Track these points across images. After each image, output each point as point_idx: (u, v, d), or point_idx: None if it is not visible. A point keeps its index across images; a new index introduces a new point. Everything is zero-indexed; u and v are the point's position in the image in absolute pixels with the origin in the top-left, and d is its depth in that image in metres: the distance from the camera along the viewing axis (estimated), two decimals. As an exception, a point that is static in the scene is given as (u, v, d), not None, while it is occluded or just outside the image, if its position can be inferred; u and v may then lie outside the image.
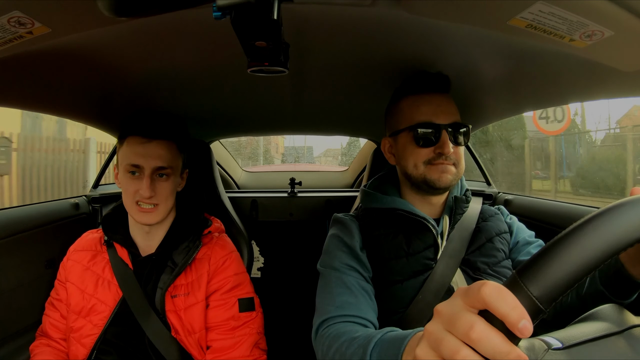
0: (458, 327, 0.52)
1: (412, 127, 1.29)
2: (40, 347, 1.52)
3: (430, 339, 0.56)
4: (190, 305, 1.47)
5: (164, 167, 1.46)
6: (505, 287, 0.52)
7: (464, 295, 0.55)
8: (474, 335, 0.50)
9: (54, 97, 1.47)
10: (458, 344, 0.52)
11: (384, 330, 0.94)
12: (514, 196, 2.20)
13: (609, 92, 1.24)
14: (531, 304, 0.50)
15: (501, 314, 0.50)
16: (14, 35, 0.86)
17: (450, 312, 0.55)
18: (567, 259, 0.52)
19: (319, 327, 1.16)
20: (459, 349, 0.51)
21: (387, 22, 1.03)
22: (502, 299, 0.50)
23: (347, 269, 1.28)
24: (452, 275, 1.27)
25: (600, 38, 0.83)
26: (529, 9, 0.77)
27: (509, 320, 0.49)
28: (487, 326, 0.51)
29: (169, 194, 1.50)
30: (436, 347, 0.55)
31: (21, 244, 1.67)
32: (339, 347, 1.02)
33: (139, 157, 1.43)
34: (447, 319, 0.55)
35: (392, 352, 0.80)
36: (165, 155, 1.46)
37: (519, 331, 0.49)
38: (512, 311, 0.49)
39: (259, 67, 0.95)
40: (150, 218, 1.46)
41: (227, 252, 1.59)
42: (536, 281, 0.51)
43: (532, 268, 0.53)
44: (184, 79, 1.47)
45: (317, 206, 2.72)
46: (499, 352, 0.49)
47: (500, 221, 1.41)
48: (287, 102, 1.85)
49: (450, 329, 0.54)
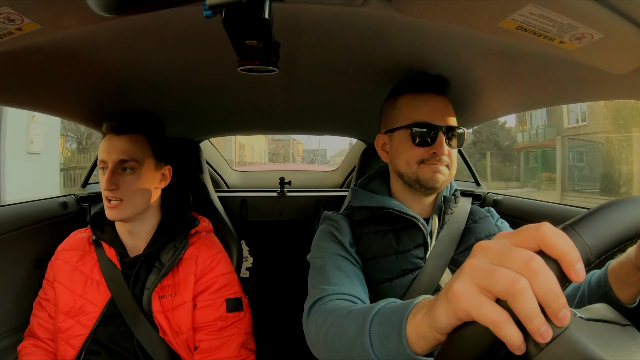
0: (514, 259, 0.50)
1: (409, 126, 1.29)
2: (28, 348, 1.50)
3: (474, 272, 0.53)
4: (177, 305, 1.46)
5: (126, 159, 1.45)
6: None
7: (512, 235, 0.54)
8: (534, 265, 0.48)
9: (42, 95, 1.46)
10: (515, 274, 0.49)
11: (386, 300, 0.89)
12: (502, 196, 2.21)
13: (599, 94, 1.25)
14: (583, 252, 0.50)
15: (559, 253, 0.49)
16: (3, 31, 0.85)
17: (500, 247, 0.53)
18: (621, 215, 0.53)
19: (312, 305, 1.12)
20: (517, 278, 0.48)
21: (379, 22, 1.03)
22: (561, 237, 0.49)
23: (339, 257, 1.27)
24: (441, 275, 1.28)
25: (589, 40, 0.84)
26: (519, 11, 0.78)
27: (567, 259, 0.48)
28: (545, 263, 0.49)
29: (136, 189, 1.48)
30: (484, 279, 0.51)
31: (9, 243, 1.65)
32: (335, 319, 0.97)
33: (104, 151, 1.45)
34: (498, 254, 0.52)
35: (397, 315, 0.76)
36: (129, 148, 1.46)
37: (574, 273, 0.48)
38: (571, 251, 0.48)
39: (250, 66, 0.95)
40: (115, 214, 1.45)
41: (214, 252, 1.59)
42: (591, 231, 0.52)
43: (587, 219, 0.53)
44: (173, 77, 1.47)
45: (307, 206, 2.72)
46: (553, 291, 0.47)
47: (490, 223, 1.41)
48: (277, 101, 1.85)
49: (503, 262, 0.51)
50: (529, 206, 1.97)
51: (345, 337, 0.90)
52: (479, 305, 0.50)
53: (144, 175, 1.49)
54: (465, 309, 0.52)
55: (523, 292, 0.47)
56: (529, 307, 0.47)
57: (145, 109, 1.58)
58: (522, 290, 0.47)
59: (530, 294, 0.47)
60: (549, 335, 0.48)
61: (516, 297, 0.48)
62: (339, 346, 0.92)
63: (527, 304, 0.47)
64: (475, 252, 0.56)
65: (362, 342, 0.83)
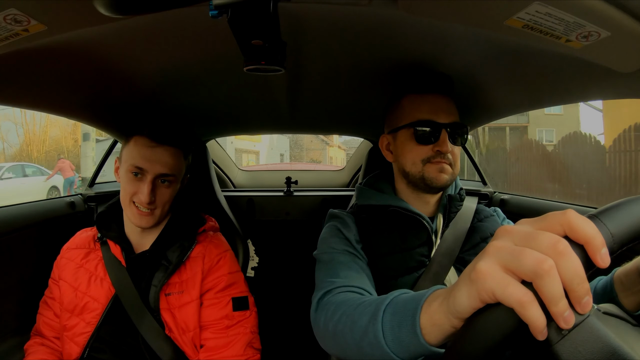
0: (541, 241, 0.50)
1: (411, 125, 1.29)
2: (34, 347, 1.51)
3: (500, 253, 0.53)
4: (184, 303, 1.47)
5: (167, 174, 1.46)
6: None
7: (537, 221, 0.54)
8: (561, 247, 0.48)
9: (49, 95, 1.46)
10: (542, 255, 0.49)
11: (399, 291, 0.89)
12: (510, 196, 2.20)
13: (606, 93, 1.24)
14: (607, 239, 0.50)
15: (585, 238, 0.49)
16: (10, 32, 0.85)
17: (525, 231, 0.53)
18: None
19: (321, 297, 1.11)
20: (544, 258, 0.48)
21: (384, 21, 1.03)
22: (587, 222, 0.49)
23: (346, 253, 1.28)
24: (446, 274, 1.28)
25: (596, 39, 0.83)
26: (525, 10, 0.77)
27: (593, 243, 0.48)
28: (570, 246, 0.49)
29: (168, 200, 1.50)
30: (511, 259, 0.51)
31: (16, 243, 1.66)
32: (346, 309, 0.97)
33: (144, 160, 1.42)
34: (524, 236, 0.53)
35: (410, 305, 0.76)
36: (170, 162, 1.46)
37: (600, 257, 0.48)
38: (597, 235, 0.48)
39: (256, 66, 0.95)
40: (145, 222, 1.46)
41: (221, 250, 1.59)
42: (615, 219, 0.52)
43: (612, 209, 0.53)
44: (179, 77, 1.47)
45: (314, 205, 2.72)
46: (578, 275, 0.47)
47: (496, 222, 1.41)
48: (283, 101, 1.85)
49: (530, 244, 0.51)
50: (536, 206, 1.96)
51: (357, 327, 0.89)
52: (505, 284, 0.50)
53: (174, 187, 1.52)
54: (490, 289, 0.52)
55: (550, 272, 0.48)
56: (555, 289, 0.47)
57: (151, 110, 1.59)
58: (549, 269, 0.48)
59: (556, 276, 0.48)
60: (572, 320, 0.48)
61: (544, 277, 0.48)
62: (350, 337, 0.91)
63: (553, 285, 0.47)
64: (499, 234, 0.56)
65: (374, 332, 0.83)
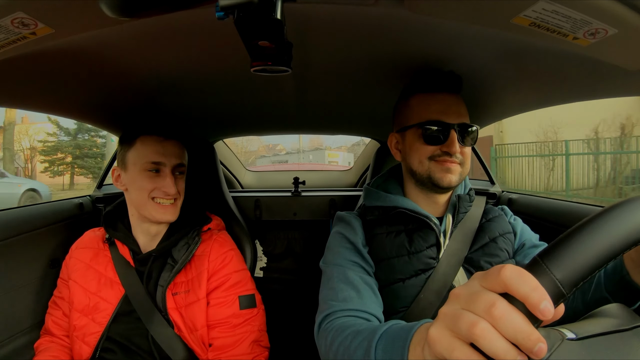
0: (478, 305, 0.52)
1: (420, 124, 1.29)
2: (44, 344, 1.53)
3: (445, 319, 0.56)
4: (191, 302, 1.48)
5: (182, 164, 1.52)
6: (526, 269, 0.52)
7: (482, 278, 0.55)
8: (497, 312, 0.50)
9: (57, 97, 1.47)
10: (476, 317, 0.51)
11: (389, 323, 0.93)
12: (518, 195, 2.19)
13: (613, 91, 1.23)
14: (554, 287, 0.51)
15: (522, 296, 0.50)
16: (18, 36, 0.86)
17: (469, 293, 0.55)
18: (592, 243, 0.53)
19: (321, 321, 1.16)
20: (477, 321, 0.51)
21: (391, 21, 1.02)
22: (523, 280, 0.50)
23: (350, 264, 1.28)
24: (455, 275, 1.27)
25: (604, 36, 0.83)
26: (532, 7, 0.77)
27: (530, 301, 0.49)
28: (509, 306, 0.50)
29: (182, 191, 1.55)
30: (452, 324, 0.54)
31: (26, 243, 1.68)
32: (342, 340, 1.00)
33: (159, 155, 1.47)
34: (466, 299, 0.54)
35: (399, 344, 0.79)
36: (181, 153, 1.53)
37: (540, 312, 0.49)
38: (533, 292, 0.49)
39: (262, 67, 0.95)
40: (171, 214, 1.50)
41: (226, 249, 1.60)
42: (560, 264, 0.52)
43: (556, 251, 0.53)
44: (186, 79, 1.47)
45: (321, 205, 2.72)
46: (521, 331, 0.49)
47: (504, 221, 1.40)
48: (290, 102, 1.85)
49: (470, 307, 0.53)
50: (544, 205, 1.95)
51: None
52: (452, 349, 0.54)
53: (184, 179, 1.58)
54: (440, 353, 0.55)
55: (483, 334, 0.50)
56: (495, 347, 0.50)
57: (159, 110, 1.60)
58: (481, 333, 0.50)
59: (492, 335, 0.50)
60: None
61: (478, 340, 0.50)
62: None
63: (491, 345, 0.50)
64: (449, 298, 0.59)
65: None
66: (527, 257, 1.34)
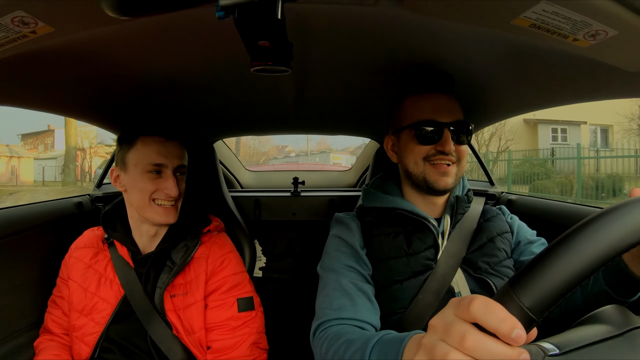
0: (451, 337, 0.54)
1: (413, 125, 1.29)
2: (44, 343, 1.53)
3: (425, 348, 0.59)
4: (188, 305, 1.47)
5: (183, 165, 1.51)
6: (495, 299, 0.53)
7: (455, 307, 0.57)
8: (468, 343, 0.52)
9: (57, 96, 1.47)
10: (448, 347, 0.54)
11: (381, 333, 0.95)
12: (517, 196, 2.19)
13: (613, 93, 1.23)
14: (523, 315, 0.51)
15: (492, 328, 0.51)
16: (18, 34, 0.86)
17: (443, 323, 0.57)
18: (558, 268, 0.52)
19: (316, 329, 1.18)
20: (448, 351, 0.53)
21: (391, 21, 1.02)
22: (491, 313, 0.51)
23: (346, 270, 1.28)
24: (453, 275, 1.27)
25: (604, 38, 0.83)
26: (532, 9, 0.77)
27: (500, 333, 0.50)
28: (480, 334, 0.52)
29: (183, 191, 1.54)
30: (430, 355, 0.57)
31: (24, 242, 1.67)
32: (337, 350, 1.02)
33: (161, 156, 1.45)
34: (441, 330, 0.57)
35: (391, 354, 0.81)
36: (182, 154, 1.52)
37: (513, 341, 0.50)
38: (502, 324, 0.50)
39: (262, 67, 0.95)
40: (172, 216, 1.49)
41: (225, 251, 1.60)
42: (528, 292, 0.52)
43: (523, 279, 0.53)
44: (187, 78, 1.47)
45: (320, 205, 2.72)
46: (497, 354, 0.50)
47: (501, 221, 1.41)
48: (290, 101, 1.85)
49: (444, 338, 0.55)
50: (544, 206, 1.95)
51: None
52: None
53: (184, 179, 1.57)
54: None
55: None
56: None
57: (159, 110, 1.60)
58: None
59: None
60: None
61: None
62: None
63: None
64: (428, 329, 0.61)
65: None
66: (524, 254, 1.35)
